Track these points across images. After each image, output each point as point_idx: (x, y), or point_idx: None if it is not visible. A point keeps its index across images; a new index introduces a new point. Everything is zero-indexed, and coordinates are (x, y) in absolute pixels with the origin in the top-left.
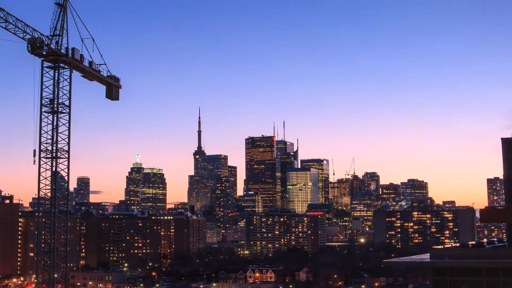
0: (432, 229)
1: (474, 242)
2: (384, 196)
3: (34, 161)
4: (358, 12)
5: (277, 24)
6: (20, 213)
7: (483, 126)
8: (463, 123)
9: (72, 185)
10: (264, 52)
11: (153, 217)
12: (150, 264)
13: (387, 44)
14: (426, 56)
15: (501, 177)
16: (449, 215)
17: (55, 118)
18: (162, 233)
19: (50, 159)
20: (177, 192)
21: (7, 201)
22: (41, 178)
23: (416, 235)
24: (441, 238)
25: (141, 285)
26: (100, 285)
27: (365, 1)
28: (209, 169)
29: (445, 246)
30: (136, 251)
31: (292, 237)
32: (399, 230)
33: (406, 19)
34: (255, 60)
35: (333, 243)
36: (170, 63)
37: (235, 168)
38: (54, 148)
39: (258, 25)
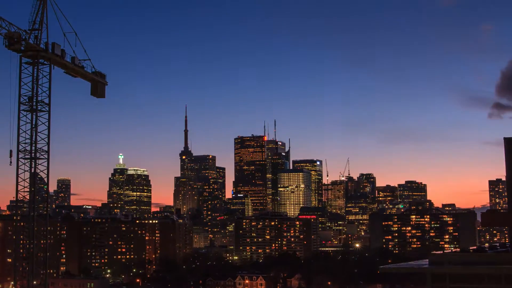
0: (431, 234)
1: (475, 247)
2: (380, 198)
3: (11, 162)
4: (356, 11)
5: (269, 21)
6: None
7: (484, 126)
8: (462, 123)
9: (52, 187)
10: (255, 49)
11: (137, 221)
12: (134, 270)
13: (386, 40)
14: (428, 55)
15: (504, 178)
16: (449, 219)
17: (34, 116)
18: (146, 238)
19: (28, 160)
20: (162, 194)
21: None
22: (19, 180)
23: (414, 239)
24: (441, 243)
25: None
26: None
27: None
28: (196, 170)
29: (445, 251)
30: (119, 256)
31: (284, 242)
32: (396, 234)
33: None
34: (245, 56)
35: (326, 248)
36: (157, 59)
37: (223, 169)
38: (33, 148)
39: (249, 23)
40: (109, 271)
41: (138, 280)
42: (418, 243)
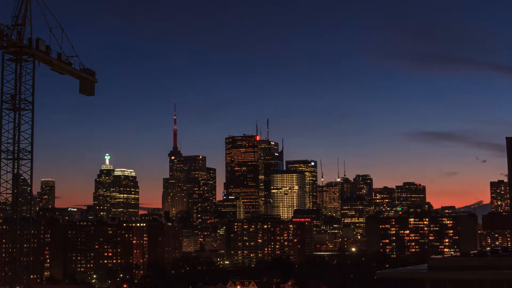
0: (430, 237)
1: (476, 251)
2: (377, 201)
3: None
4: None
5: (263, 19)
6: None
7: (486, 126)
8: (463, 123)
9: (36, 189)
10: (246, 46)
11: (125, 224)
12: (121, 275)
13: (381, 39)
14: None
15: (506, 180)
16: (448, 222)
17: (17, 115)
18: (134, 242)
19: (11, 161)
20: (150, 196)
21: None
22: (2, 181)
23: (413, 243)
24: (440, 247)
25: None
26: None
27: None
28: (185, 171)
29: (445, 255)
30: (105, 261)
31: (277, 246)
32: (393, 238)
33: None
34: (236, 53)
35: (321, 253)
36: (145, 57)
37: (214, 170)
38: (16, 148)
39: (241, 19)
40: (95, 276)
41: (125, 286)
42: (416, 247)
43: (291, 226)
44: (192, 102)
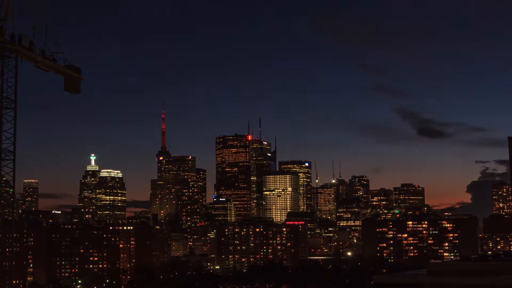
0: (429, 241)
1: (477, 256)
2: (374, 203)
3: None
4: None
5: (260, 19)
6: None
7: (487, 127)
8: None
9: (18, 190)
10: (238, 43)
11: (111, 227)
12: (107, 281)
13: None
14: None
15: (508, 181)
16: (448, 225)
17: None
18: (121, 245)
19: None
20: (138, 198)
21: None
22: None
23: (411, 247)
24: (440, 251)
25: None
26: None
27: None
28: (174, 172)
29: (444, 260)
30: (91, 266)
31: (270, 250)
32: (391, 242)
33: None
34: (228, 50)
35: (316, 257)
36: (133, 54)
37: (204, 171)
38: None
39: (235, 17)
40: (80, 281)
41: None
42: (415, 251)
43: (284, 229)
44: (183, 100)
